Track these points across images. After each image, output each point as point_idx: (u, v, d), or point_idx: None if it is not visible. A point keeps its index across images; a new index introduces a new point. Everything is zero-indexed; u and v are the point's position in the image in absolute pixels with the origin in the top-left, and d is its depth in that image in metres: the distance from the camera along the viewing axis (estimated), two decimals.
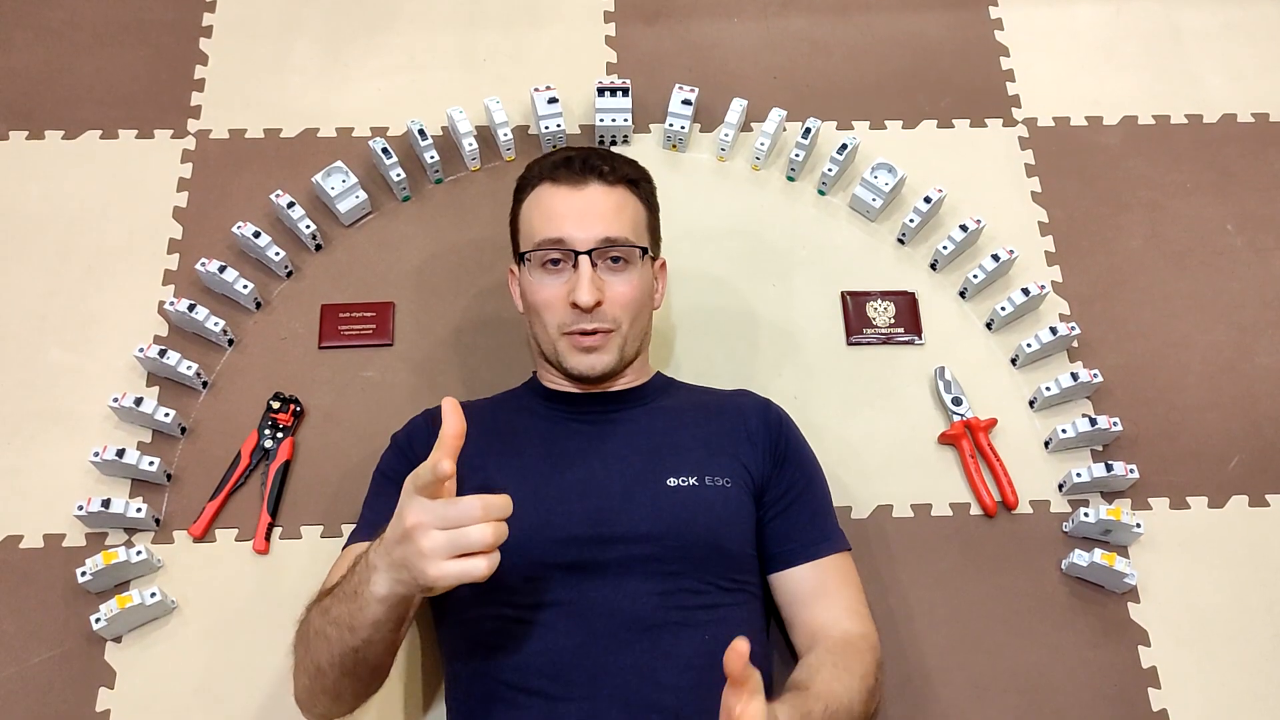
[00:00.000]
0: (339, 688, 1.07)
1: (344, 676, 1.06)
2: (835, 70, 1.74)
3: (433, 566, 0.90)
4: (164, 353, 1.42)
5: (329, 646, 1.03)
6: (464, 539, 0.90)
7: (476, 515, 0.90)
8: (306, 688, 1.10)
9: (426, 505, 0.91)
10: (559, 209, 1.22)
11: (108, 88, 1.68)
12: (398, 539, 0.93)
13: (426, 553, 0.90)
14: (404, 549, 0.92)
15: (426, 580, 0.91)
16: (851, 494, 1.40)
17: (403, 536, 0.92)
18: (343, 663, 1.04)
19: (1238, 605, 1.35)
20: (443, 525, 0.90)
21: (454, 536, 0.90)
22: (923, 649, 1.31)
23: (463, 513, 0.90)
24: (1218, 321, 1.55)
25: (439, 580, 0.91)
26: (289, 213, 1.53)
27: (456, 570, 0.90)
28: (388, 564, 0.95)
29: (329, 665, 1.05)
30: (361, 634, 1.00)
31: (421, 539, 0.90)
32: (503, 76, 1.70)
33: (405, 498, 0.93)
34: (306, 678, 1.09)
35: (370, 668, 1.06)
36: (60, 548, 1.35)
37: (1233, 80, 1.74)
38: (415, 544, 0.91)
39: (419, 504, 0.91)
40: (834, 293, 1.54)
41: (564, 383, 1.27)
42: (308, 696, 1.12)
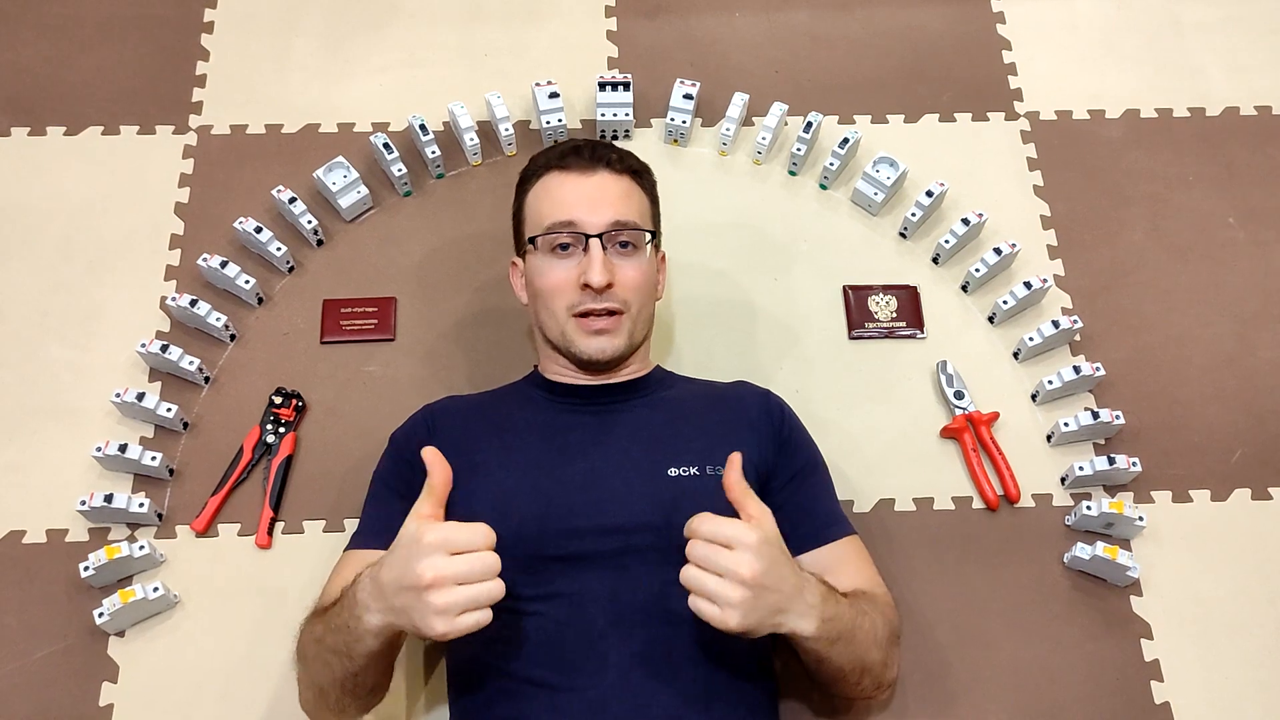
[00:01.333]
0: (342, 704, 1.11)
1: (345, 695, 1.09)
2: (837, 64, 1.74)
3: (443, 623, 0.92)
4: (166, 348, 1.42)
5: (329, 671, 1.06)
6: (481, 594, 0.93)
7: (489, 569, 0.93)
8: (311, 701, 1.14)
9: (441, 561, 0.92)
10: (569, 194, 1.23)
11: (109, 83, 1.68)
12: (403, 588, 0.93)
13: (441, 609, 0.91)
14: (411, 600, 0.92)
15: (432, 635, 0.93)
16: (853, 488, 1.40)
17: (411, 590, 0.92)
18: (343, 685, 1.07)
19: (1240, 598, 1.35)
20: (460, 581, 0.92)
21: (474, 593, 0.92)
22: (925, 643, 1.31)
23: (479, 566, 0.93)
24: (1220, 315, 1.54)
25: (446, 636, 0.92)
26: (290, 208, 1.53)
27: (467, 624, 0.92)
28: (383, 607, 0.96)
29: (330, 687, 1.08)
30: (359, 661, 1.03)
31: (437, 597, 0.91)
32: (504, 71, 1.70)
33: (416, 547, 0.93)
34: (311, 693, 1.13)
35: (370, 688, 1.10)
36: (63, 543, 1.35)
37: (1235, 73, 1.74)
38: (427, 600, 0.91)
39: (437, 560, 0.92)
40: (836, 287, 1.54)
41: (566, 374, 1.27)
42: (313, 710, 1.15)
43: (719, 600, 0.94)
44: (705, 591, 0.95)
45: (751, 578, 0.94)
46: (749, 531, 0.96)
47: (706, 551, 0.95)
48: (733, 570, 0.94)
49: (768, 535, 0.98)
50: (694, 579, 0.96)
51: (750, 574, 0.94)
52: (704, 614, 0.95)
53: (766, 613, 0.96)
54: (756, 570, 0.94)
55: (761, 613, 0.96)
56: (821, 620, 1.01)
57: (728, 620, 0.94)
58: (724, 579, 0.94)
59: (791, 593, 0.98)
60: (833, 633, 1.03)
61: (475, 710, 1.11)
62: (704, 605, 0.95)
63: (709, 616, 0.95)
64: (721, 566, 0.94)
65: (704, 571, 0.95)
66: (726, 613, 0.94)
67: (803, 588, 1.00)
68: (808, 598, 1.00)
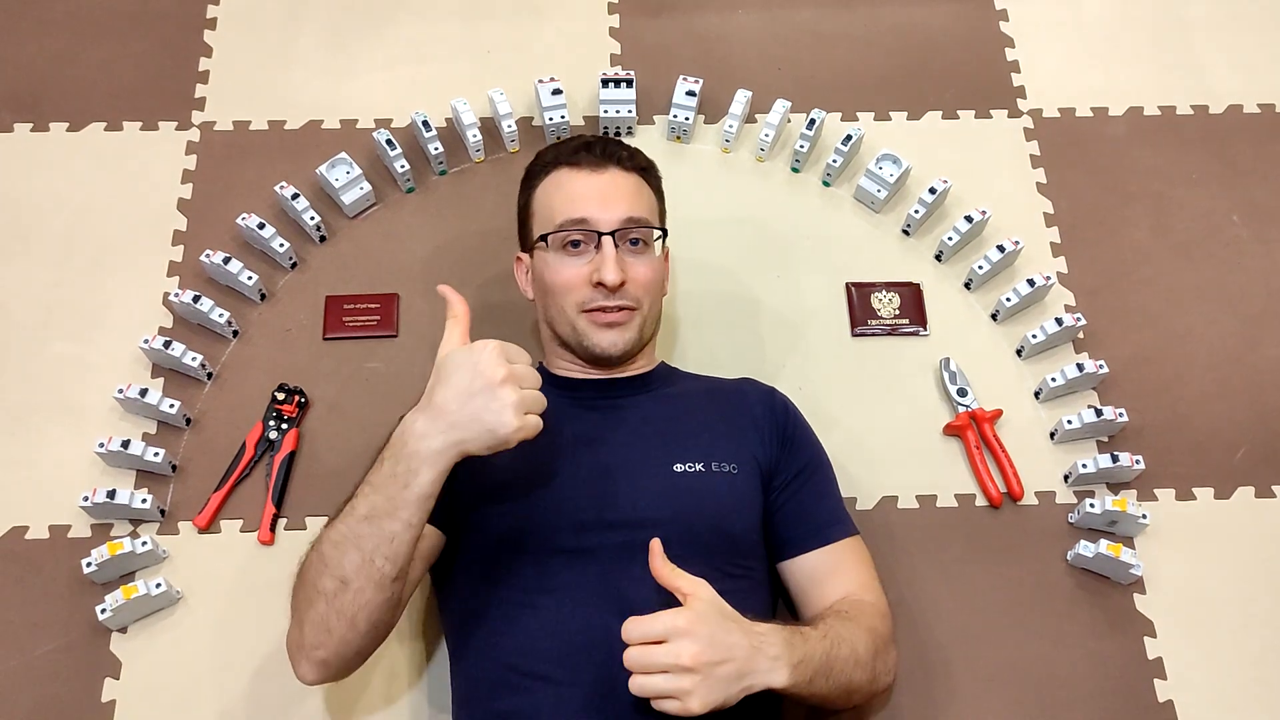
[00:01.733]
0: (358, 603, 1.02)
1: (369, 583, 1.01)
2: (840, 61, 1.73)
3: (517, 417, 0.99)
4: (169, 344, 1.42)
5: (359, 546, 1.00)
6: (536, 399, 1.02)
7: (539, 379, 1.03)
8: (320, 616, 1.03)
9: (506, 363, 1.00)
10: (581, 191, 1.23)
11: (112, 80, 1.68)
12: (473, 393, 0.99)
13: (514, 404, 0.99)
14: (485, 401, 0.98)
15: (507, 431, 0.98)
16: (856, 485, 1.40)
17: (484, 389, 0.98)
18: (373, 561, 1.00)
19: (1244, 596, 1.35)
20: (522, 383, 1.00)
21: (537, 395, 1.02)
22: (928, 640, 1.31)
23: (533, 375, 1.02)
24: (1224, 312, 1.54)
25: (519, 433, 0.99)
26: (293, 204, 1.53)
27: (534, 424, 1.01)
28: (448, 424, 0.99)
29: (355, 571, 1.00)
30: (402, 515, 1.00)
31: (510, 392, 0.99)
32: (507, 68, 1.70)
33: (478, 354, 1.00)
34: (323, 602, 1.02)
35: (396, 571, 1.02)
36: (65, 539, 1.35)
37: (1239, 71, 1.74)
38: (502, 396, 0.98)
39: (501, 359, 1.00)
40: (839, 284, 1.54)
41: (572, 369, 1.27)
42: (317, 630, 1.04)
43: (674, 694, 0.93)
44: (657, 691, 0.93)
45: (693, 662, 0.93)
46: (675, 617, 0.94)
47: (641, 655, 0.94)
48: (673, 663, 0.93)
49: (702, 612, 0.95)
50: (642, 685, 0.94)
51: (691, 659, 0.93)
52: (668, 710, 0.94)
53: (728, 683, 0.95)
54: (695, 652, 0.93)
55: (723, 685, 0.94)
56: (791, 668, 0.99)
57: (690, 707, 0.93)
58: (669, 673, 0.93)
59: (748, 655, 0.96)
60: (807, 674, 1.01)
61: (479, 703, 1.11)
62: (665, 704, 0.94)
63: (673, 711, 0.94)
64: (661, 664, 0.93)
65: (649, 675, 0.93)
66: (687, 702, 0.93)
67: (760, 646, 0.98)
68: (769, 652, 0.98)
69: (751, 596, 1.16)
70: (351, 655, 1.07)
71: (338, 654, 1.06)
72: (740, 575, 1.15)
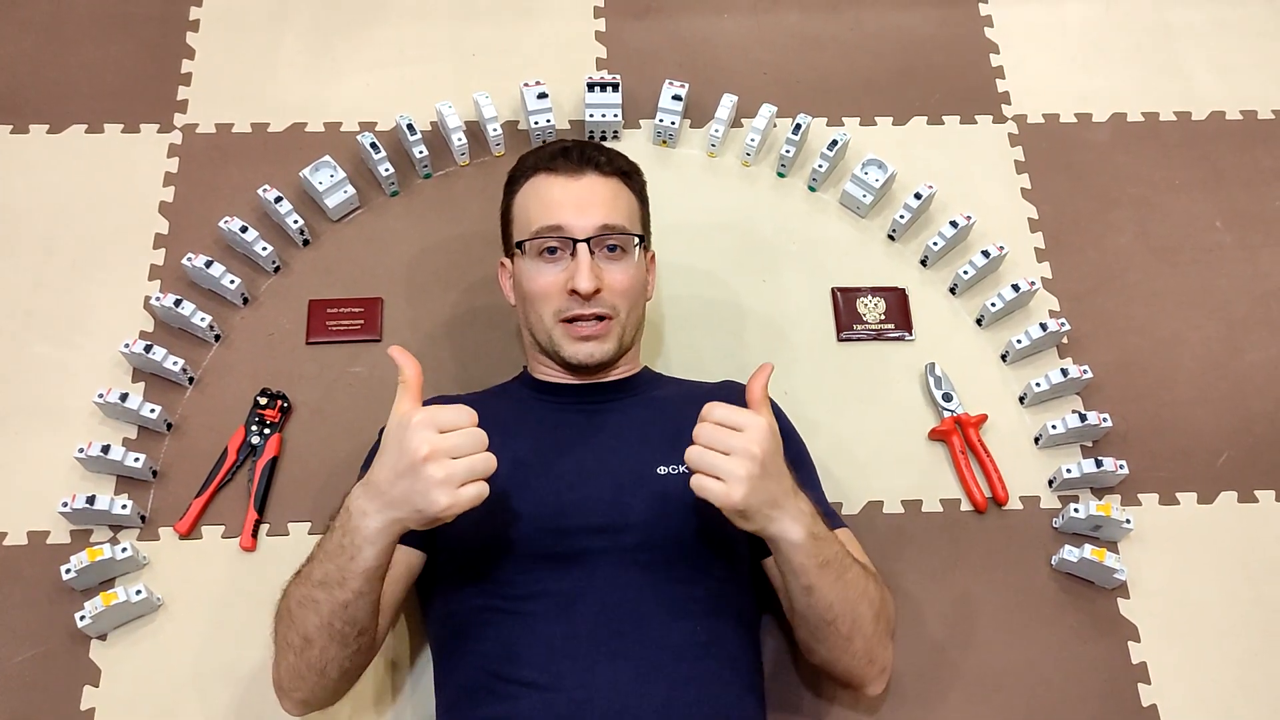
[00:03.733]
0: (325, 658, 1.05)
1: (332, 643, 1.04)
2: (826, 66, 1.74)
3: (445, 495, 0.94)
4: (150, 348, 1.41)
5: (316, 612, 1.03)
6: (477, 465, 0.96)
7: (479, 443, 0.97)
8: (291, 666, 1.07)
9: (434, 436, 0.95)
10: (557, 197, 1.22)
11: (93, 82, 1.67)
12: (400, 473, 0.95)
13: (441, 481, 0.94)
14: (410, 482, 0.95)
15: (436, 510, 0.95)
16: (842, 490, 1.40)
17: (409, 469, 0.95)
18: (331, 626, 1.03)
19: (1227, 600, 1.35)
20: (454, 454, 0.95)
21: (470, 464, 0.96)
22: (914, 644, 1.31)
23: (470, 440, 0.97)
24: (1207, 318, 1.55)
25: (450, 510, 0.95)
26: (276, 207, 1.52)
27: (470, 496, 0.95)
28: (383, 504, 0.97)
29: (317, 631, 1.04)
30: (352, 586, 1.01)
31: (434, 469, 0.94)
32: (492, 71, 1.70)
33: (405, 430, 0.96)
34: (292, 654, 1.07)
35: (358, 630, 1.05)
36: (44, 545, 1.34)
37: (1222, 77, 1.75)
38: (426, 474, 0.94)
39: (426, 434, 0.95)
40: (824, 289, 1.54)
41: (555, 374, 1.27)
42: (291, 677, 1.08)
43: (727, 475, 0.97)
44: (714, 469, 0.98)
45: (762, 454, 0.98)
46: (759, 417, 1.00)
47: (716, 433, 0.99)
48: (743, 448, 0.98)
49: (775, 431, 1.01)
50: (701, 457, 0.99)
51: (761, 450, 0.98)
52: (708, 491, 0.98)
53: (766, 497, 0.99)
54: (767, 449, 0.99)
55: (763, 495, 0.99)
56: (809, 532, 1.02)
57: (732, 494, 0.97)
58: (732, 455, 0.97)
59: (788, 490, 1.02)
60: (820, 553, 1.03)
61: (463, 711, 1.10)
62: (709, 483, 0.98)
63: (713, 492, 0.97)
64: (732, 445, 0.98)
65: (712, 451, 0.98)
66: (732, 486, 0.97)
67: (797, 492, 1.03)
68: (800, 504, 1.03)
69: (737, 597, 1.16)
70: (330, 694, 1.12)
71: (315, 695, 1.11)
72: (725, 577, 1.15)
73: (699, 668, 1.08)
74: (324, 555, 1.03)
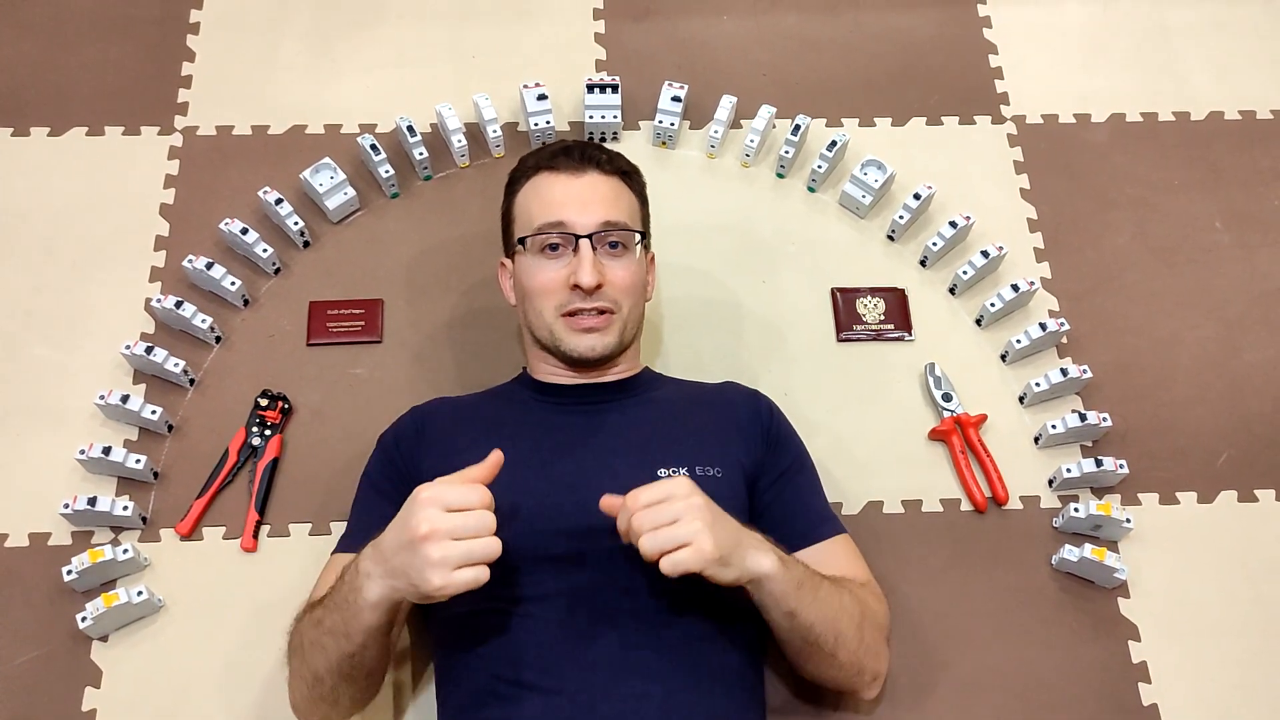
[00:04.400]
0: (337, 694, 1.09)
1: (342, 682, 1.08)
2: (825, 67, 1.74)
3: (439, 576, 0.93)
4: (151, 350, 1.41)
5: (325, 656, 1.05)
6: (475, 549, 0.94)
7: (485, 526, 0.95)
8: (305, 696, 1.12)
9: (437, 515, 0.93)
10: (559, 194, 1.23)
11: (94, 84, 1.67)
12: (401, 546, 0.95)
13: (436, 562, 0.93)
14: (408, 557, 0.94)
15: (429, 589, 0.93)
16: (842, 490, 1.40)
17: (409, 544, 0.94)
18: (339, 669, 1.06)
19: (1227, 600, 1.36)
20: (456, 536, 0.93)
21: (469, 548, 0.94)
22: (913, 645, 1.31)
23: (475, 522, 0.94)
24: (1206, 318, 1.55)
25: (443, 590, 0.93)
26: (277, 209, 1.52)
27: (464, 580, 0.93)
28: (384, 571, 0.97)
29: (327, 673, 1.07)
30: (357, 640, 1.02)
31: (432, 549, 0.93)
32: (492, 73, 1.70)
33: (414, 503, 0.95)
34: (305, 686, 1.10)
35: (366, 672, 1.08)
36: (46, 546, 1.34)
37: (1220, 78, 1.75)
38: (423, 553, 0.93)
39: (431, 513, 0.94)
40: (824, 289, 1.54)
41: (555, 374, 1.27)
42: (306, 705, 1.13)
43: (688, 537, 0.96)
44: (673, 540, 0.96)
45: (702, 503, 0.98)
46: (671, 479, 1.00)
47: (651, 513, 0.98)
48: (683, 508, 0.97)
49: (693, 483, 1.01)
50: (654, 538, 0.97)
51: (699, 500, 0.99)
52: (682, 561, 0.96)
53: (730, 538, 0.99)
54: (701, 499, 0.99)
55: (726, 537, 0.99)
56: (777, 557, 1.03)
57: (703, 548, 0.96)
58: (679, 522, 0.97)
59: (739, 527, 1.03)
60: (793, 576, 1.04)
61: (467, 713, 1.10)
62: (678, 555, 0.96)
63: (686, 559, 0.96)
64: (672, 512, 0.97)
65: (661, 527, 0.97)
66: (699, 541, 0.96)
67: (744, 529, 1.04)
68: (755, 535, 1.04)
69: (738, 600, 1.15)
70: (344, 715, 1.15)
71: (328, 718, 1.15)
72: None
73: (700, 670, 1.09)
74: (333, 604, 1.03)
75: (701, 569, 0.97)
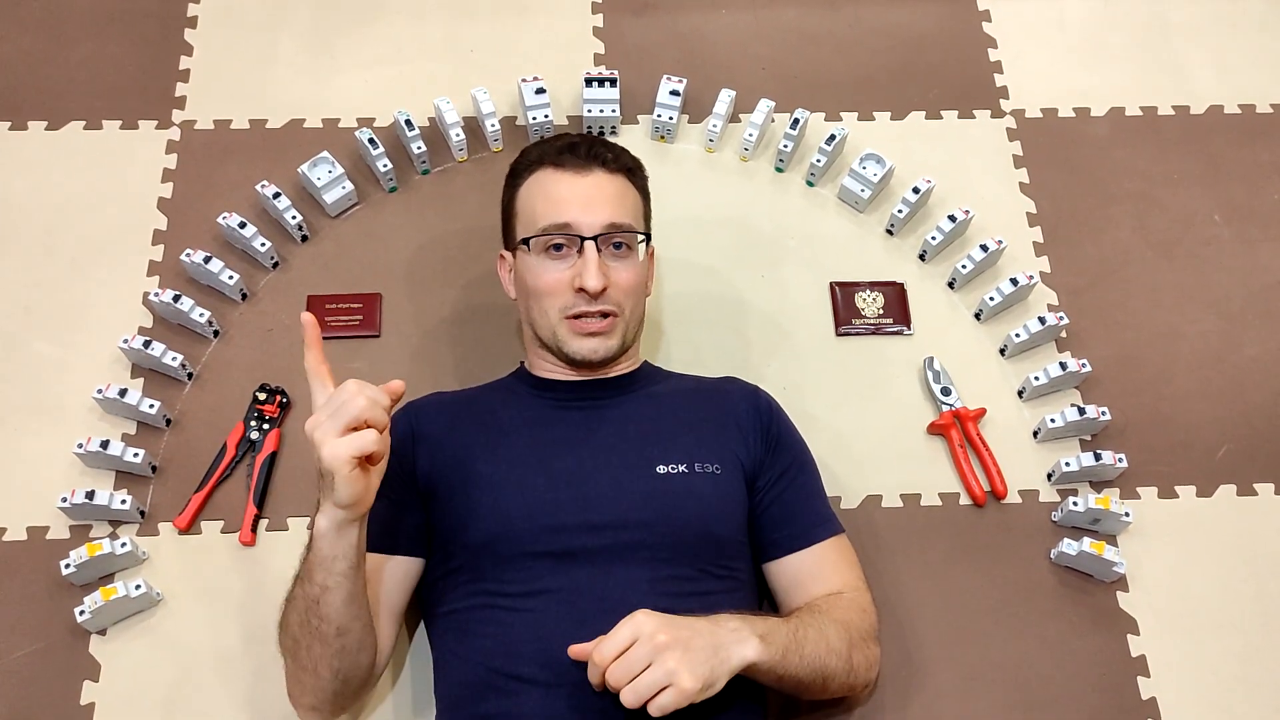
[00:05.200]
0: (312, 657, 1.07)
1: (314, 640, 1.06)
2: (824, 61, 1.74)
3: (326, 449, 0.95)
4: (149, 344, 1.41)
5: (294, 607, 1.07)
6: (343, 412, 0.95)
7: (352, 391, 0.96)
8: (291, 671, 1.12)
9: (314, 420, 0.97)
10: (564, 194, 1.22)
11: (92, 78, 1.67)
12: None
13: (319, 441, 0.95)
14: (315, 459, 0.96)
15: (325, 465, 0.95)
16: (841, 484, 1.40)
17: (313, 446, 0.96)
18: (307, 620, 1.05)
19: (1226, 593, 1.35)
20: (328, 412, 0.96)
21: (334, 414, 0.95)
22: (912, 639, 1.31)
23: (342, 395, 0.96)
24: (1206, 312, 1.55)
25: (333, 459, 0.94)
26: (275, 203, 1.52)
27: (346, 446, 0.94)
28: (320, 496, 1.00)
29: (300, 630, 1.06)
30: (316, 579, 1.02)
31: (314, 432, 0.96)
32: (490, 67, 1.70)
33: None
34: (289, 658, 1.11)
35: (335, 628, 1.05)
36: (44, 540, 1.34)
37: (1220, 71, 1.75)
38: (314, 442, 0.96)
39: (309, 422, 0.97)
40: (823, 283, 1.54)
41: (554, 370, 1.27)
42: (293, 682, 1.13)
43: (666, 678, 0.94)
44: (653, 686, 0.95)
45: (670, 640, 0.96)
46: (630, 622, 0.97)
47: (622, 664, 0.96)
48: (651, 648, 0.95)
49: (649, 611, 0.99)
50: (635, 688, 0.95)
51: (667, 638, 0.96)
52: (667, 704, 0.94)
53: (708, 654, 0.97)
54: (667, 634, 0.96)
55: (704, 657, 0.97)
56: (759, 638, 1.01)
57: (684, 684, 0.94)
58: (652, 665, 0.95)
59: (711, 629, 1.00)
60: (777, 647, 1.03)
61: (464, 707, 1.10)
62: (661, 698, 0.94)
63: (673, 701, 0.94)
64: (640, 658, 0.95)
65: (635, 679, 0.95)
66: (680, 680, 0.94)
67: (717, 621, 1.02)
68: (728, 625, 1.02)
69: (736, 597, 1.15)
70: (333, 697, 1.12)
71: (320, 699, 1.12)
72: (724, 576, 1.15)
73: None
74: (301, 558, 1.06)
75: (689, 702, 0.95)
